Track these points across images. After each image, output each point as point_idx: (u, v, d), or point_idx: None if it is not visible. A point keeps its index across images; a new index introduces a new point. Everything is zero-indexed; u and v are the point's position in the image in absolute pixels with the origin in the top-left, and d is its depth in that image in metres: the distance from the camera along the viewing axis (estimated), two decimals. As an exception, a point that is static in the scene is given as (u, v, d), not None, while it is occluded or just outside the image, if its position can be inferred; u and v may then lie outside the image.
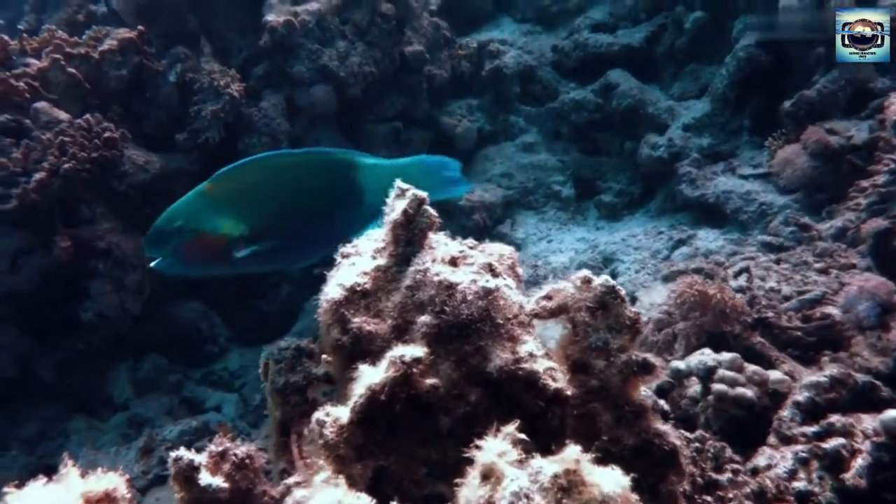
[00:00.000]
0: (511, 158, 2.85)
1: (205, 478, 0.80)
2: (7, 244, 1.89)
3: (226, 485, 0.77)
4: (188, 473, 0.75)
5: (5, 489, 0.53)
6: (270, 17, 2.37)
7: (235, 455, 0.86)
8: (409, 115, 2.72)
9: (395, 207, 0.81)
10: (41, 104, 1.93)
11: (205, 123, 2.26)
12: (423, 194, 0.81)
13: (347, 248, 0.86)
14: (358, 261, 0.83)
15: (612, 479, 0.49)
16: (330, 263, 0.86)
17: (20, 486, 0.54)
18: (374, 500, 0.50)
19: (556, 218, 2.87)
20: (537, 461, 0.54)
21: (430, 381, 0.72)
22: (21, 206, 1.87)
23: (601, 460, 0.55)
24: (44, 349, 2.20)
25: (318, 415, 0.73)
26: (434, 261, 0.78)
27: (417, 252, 0.81)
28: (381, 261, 0.83)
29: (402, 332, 0.79)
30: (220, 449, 0.84)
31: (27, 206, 1.88)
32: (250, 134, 2.38)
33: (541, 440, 0.66)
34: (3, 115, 1.85)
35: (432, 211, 0.81)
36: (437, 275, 0.76)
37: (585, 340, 0.73)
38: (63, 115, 1.97)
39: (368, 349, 0.79)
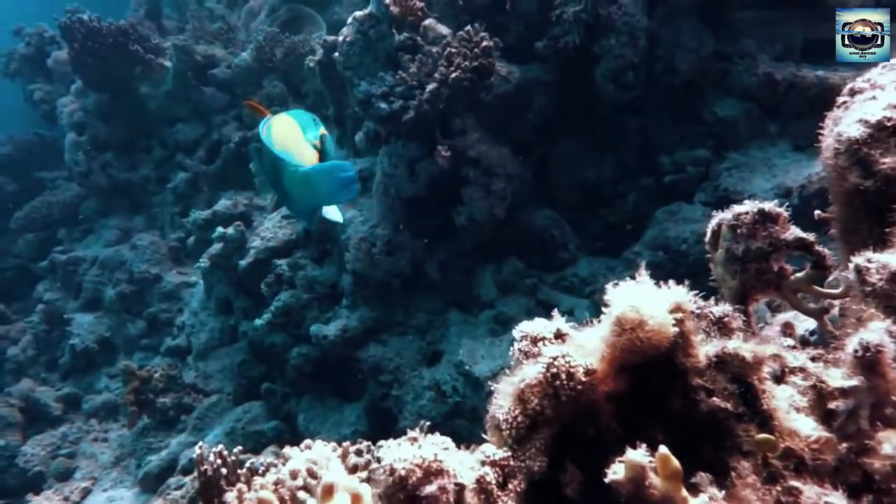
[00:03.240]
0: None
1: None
2: (407, 153, 2.16)
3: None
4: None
5: (608, 286, 0.55)
6: None
7: (712, 313, 0.83)
8: (783, -6, 2.35)
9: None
10: (428, 21, 2.11)
11: (566, 27, 2.26)
12: None
13: (858, 84, 0.73)
14: (880, 94, 0.70)
15: None
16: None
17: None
18: None
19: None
20: None
21: None
22: (417, 117, 2.09)
23: None
24: (430, 250, 2.50)
25: (859, 261, 0.64)
26: None
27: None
28: (917, 90, 0.68)
29: (955, 172, 0.65)
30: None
31: (421, 116, 2.10)
32: (608, 34, 2.31)
33: None
34: (402, 33, 2.07)
35: None
36: None
37: None
38: (445, 30, 2.13)
39: (903, 193, 0.67)
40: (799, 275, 0.91)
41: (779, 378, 0.57)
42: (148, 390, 3.12)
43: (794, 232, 0.90)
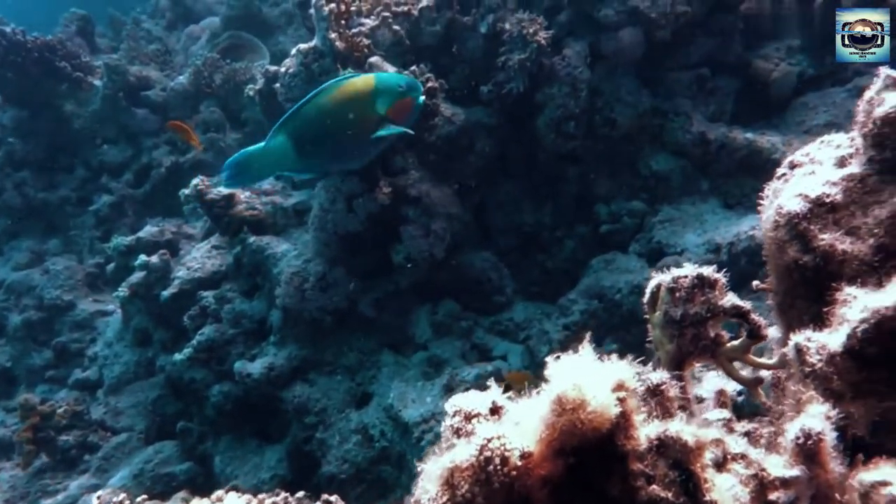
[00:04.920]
0: (840, 106, 2.45)
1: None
2: (346, 188, 2.10)
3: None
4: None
5: (549, 359, 0.51)
6: (577, -39, 2.29)
7: (649, 380, 0.80)
8: (717, 60, 2.46)
9: (884, 100, 0.66)
10: (374, 59, 2.09)
11: (510, 74, 2.28)
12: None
13: (797, 157, 0.74)
14: (818, 169, 0.70)
15: None
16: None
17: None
18: None
19: None
20: None
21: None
22: (358, 154, 2.05)
23: None
24: (365, 288, 2.43)
25: (798, 339, 0.63)
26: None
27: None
28: (854, 168, 0.69)
29: (891, 255, 0.65)
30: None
31: (362, 153, 2.06)
32: (551, 84, 2.35)
33: None
34: (346, 69, 2.04)
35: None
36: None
37: None
38: (391, 69, 2.11)
39: (839, 272, 0.67)
40: (735, 343, 0.90)
41: (720, 465, 0.55)
42: (49, 427, 2.87)
43: (731, 299, 0.89)
